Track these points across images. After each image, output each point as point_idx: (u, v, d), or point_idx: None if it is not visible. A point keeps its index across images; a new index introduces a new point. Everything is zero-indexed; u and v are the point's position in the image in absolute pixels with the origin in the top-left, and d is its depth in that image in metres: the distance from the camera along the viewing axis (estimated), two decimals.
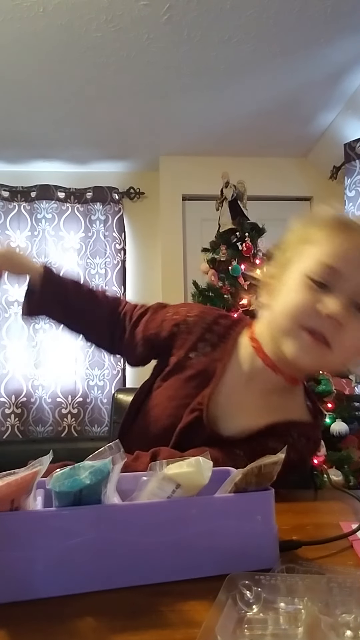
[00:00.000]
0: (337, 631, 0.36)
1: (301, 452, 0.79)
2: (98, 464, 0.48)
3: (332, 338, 0.69)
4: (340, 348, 0.69)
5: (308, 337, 0.70)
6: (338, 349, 0.69)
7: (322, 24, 2.10)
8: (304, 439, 0.79)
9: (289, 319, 0.72)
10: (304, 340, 0.70)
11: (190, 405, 0.80)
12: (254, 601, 0.40)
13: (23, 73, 2.37)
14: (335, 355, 0.70)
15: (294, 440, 0.78)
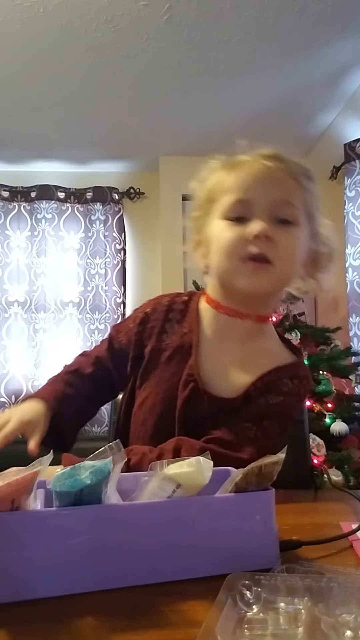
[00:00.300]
0: (337, 631, 0.36)
1: (299, 395, 0.81)
2: (98, 464, 0.48)
3: (269, 254, 0.74)
4: (279, 260, 0.74)
5: (250, 263, 0.74)
6: (278, 261, 0.74)
7: (322, 24, 2.10)
8: (297, 381, 0.80)
9: (227, 258, 0.76)
10: (248, 268, 0.74)
11: (181, 380, 0.81)
12: (254, 601, 0.40)
13: (23, 73, 2.37)
14: (279, 269, 0.75)
15: (289, 386, 0.79)
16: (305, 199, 0.79)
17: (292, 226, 0.76)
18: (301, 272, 0.82)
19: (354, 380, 2.44)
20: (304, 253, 0.80)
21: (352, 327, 2.82)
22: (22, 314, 3.23)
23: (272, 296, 0.83)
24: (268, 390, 0.78)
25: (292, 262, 0.77)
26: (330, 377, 2.31)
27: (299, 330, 2.39)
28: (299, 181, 0.79)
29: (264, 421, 0.77)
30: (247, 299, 0.80)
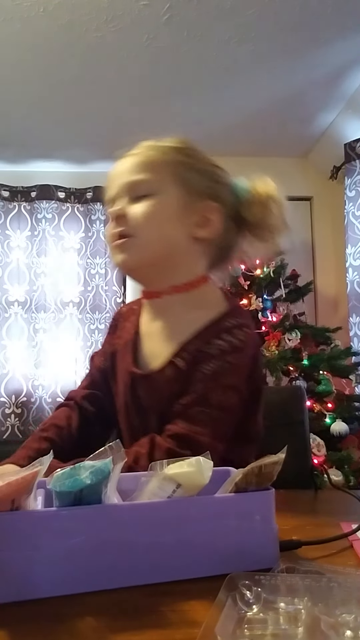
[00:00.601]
0: (337, 631, 0.36)
1: (236, 348, 0.77)
2: (98, 463, 0.48)
3: (126, 230, 0.79)
4: (137, 229, 0.79)
5: (112, 243, 0.81)
6: (136, 230, 0.79)
7: (323, 24, 2.10)
8: (226, 335, 0.77)
9: (109, 248, 0.86)
10: (112, 248, 0.82)
11: (126, 372, 0.84)
12: (254, 601, 0.40)
13: (23, 73, 2.37)
14: (140, 237, 0.79)
15: (221, 345, 0.76)
16: (169, 169, 0.81)
17: (149, 197, 0.79)
18: (192, 230, 0.81)
19: (354, 380, 2.44)
20: (181, 214, 0.80)
21: (352, 327, 2.82)
22: (22, 313, 3.22)
23: (156, 263, 0.82)
24: (198, 361, 0.76)
25: (153, 226, 0.79)
26: (330, 377, 2.32)
27: (299, 330, 2.40)
28: (156, 158, 0.82)
29: (209, 396, 0.74)
30: (136, 278, 0.86)
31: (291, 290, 2.62)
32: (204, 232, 0.82)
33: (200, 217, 0.81)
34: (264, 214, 0.84)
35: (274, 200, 0.85)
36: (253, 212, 0.84)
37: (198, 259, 0.84)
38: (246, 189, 0.86)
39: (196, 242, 0.82)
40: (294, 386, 1.75)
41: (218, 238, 0.84)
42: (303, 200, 3.43)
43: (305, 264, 3.23)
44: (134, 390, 0.82)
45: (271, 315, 2.46)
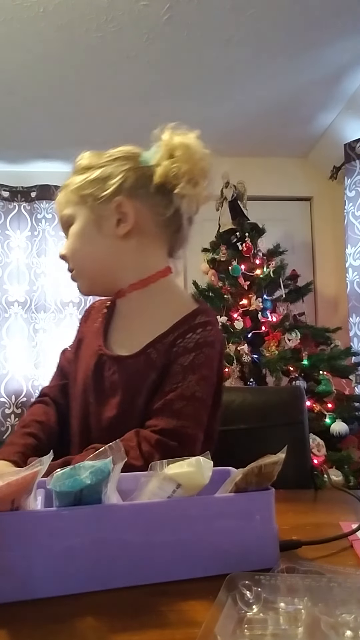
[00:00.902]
0: (337, 631, 0.36)
1: (207, 343, 0.79)
2: (98, 463, 0.48)
3: (68, 266, 0.89)
4: (72, 263, 0.88)
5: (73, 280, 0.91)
6: (72, 263, 0.88)
7: (323, 24, 2.10)
8: (200, 330, 0.79)
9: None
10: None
11: (92, 353, 0.87)
12: (254, 601, 0.40)
13: (23, 73, 2.37)
14: (78, 268, 0.88)
15: (195, 339, 0.79)
16: (74, 195, 0.86)
17: (70, 228, 0.87)
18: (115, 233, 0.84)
19: (354, 380, 2.44)
20: (97, 227, 0.84)
21: (352, 327, 2.82)
22: (22, 313, 3.22)
23: (104, 277, 0.87)
24: (174, 354, 0.78)
25: (79, 255, 0.87)
26: (330, 377, 2.31)
27: (299, 330, 2.40)
28: (66, 187, 0.88)
29: (190, 389, 0.76)
30: (98, 294, 0.95)
31: (291, 291, 2.62)
32: (125, 227, 0.83)
33: (116, 216, 0.83)
34: (172, 165, 0.82)
35: (174, 147, 0.83)
36: (162, 171, 0.82)
37: (143, 251, 0.86)
38: (151, 156, 0.85)
39: (126, 238, 0.84)
40: (294, 386, 1.75)
41: (150, 221, 0.85)
42: (303, 200, 3.44)
43: (305, 264, 3.23)
44: (100, 371, 0.84)
45: (271, 315, 2.46)
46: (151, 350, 0.80)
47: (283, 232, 3.13)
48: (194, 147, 0.83)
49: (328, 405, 2.27)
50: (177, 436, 0.73)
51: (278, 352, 2.31)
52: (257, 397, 1.17)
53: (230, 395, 1.17)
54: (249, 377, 2.41)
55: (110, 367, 0.83)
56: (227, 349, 2.37)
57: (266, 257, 2.57)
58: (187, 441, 0.73)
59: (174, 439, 0.72)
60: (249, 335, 2.44)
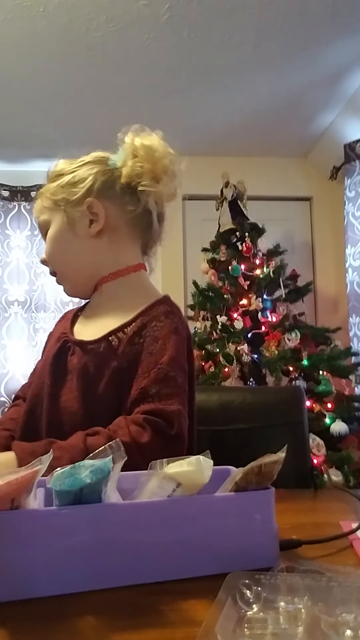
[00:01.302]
0: (337, 630, 0.36)
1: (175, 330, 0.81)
2: (98, 462, 0.48)
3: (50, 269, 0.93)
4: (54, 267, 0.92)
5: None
6: (55, 268, 0.92)
7: (323, 24, 2.10)
8: (163, 317, 0.82)
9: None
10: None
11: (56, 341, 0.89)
12: (254, 600, 0.40)
13: (23, 72, 2.37)
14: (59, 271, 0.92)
15: (160, 326, 0.81)
16: (49, 202, 0.90)
17: (49, 231, 0.90)
18: (88, 233, 0.87)
19: (353, 380, 2.44)
20: (71, 229, 0.88)
21: (352, 328, 2.83)
22: (22, 313, 3.23)
23: (85, 276, 0.91)
24: (139, 342, 0.80)
25: (59, 259, 0.91)
26: (330, 377, 2.31)
27: (299, 330, 2.40)
28: (41, 194, 0.93)
29: (162, 373, 0.77)
30: (82, 296, 0.96)
31: (291, 291, 2.62)
32: (97, 226, 0.87)
33: (88, 217, 0.87)
34: (134, 163, 0.87)
35: (136, 147, 0.88)
36: (127, 172, 0.87)
37: (115, 248, 0.90)
38: (117, 158, 0.90)
39: (99, 237, 0.88)
40: (294, 386, 1.75)
41: (119, 219, 0.89)
42: (303, 201, 3.44)
43: (305, 264, 3.24)
44: (63, 356, 0.85)
45: (271, 315, 2.46)
46: (113, 337, 0.82)
47: (283, 232, 3.13)
48: (155, 146, 0.88)
49: (328, 405, 2.28)
50: (161, 414, 0.73)
51: (278, 352, 2.31)
52: (257, 397, 1.17)
53: (230, 395, 1.17)
54: (248, 377, 2.41)
55: (72, 351, 0.85)
56: (227, 349, 2.37)
57: (266, 257, 2.57)
58: (172, 417, 0.73)
59: (159, 417, 0.73)
60: (248, 335, 2.44)
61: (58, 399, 0.82)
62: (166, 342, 0.79)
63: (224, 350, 2.37)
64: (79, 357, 0.83)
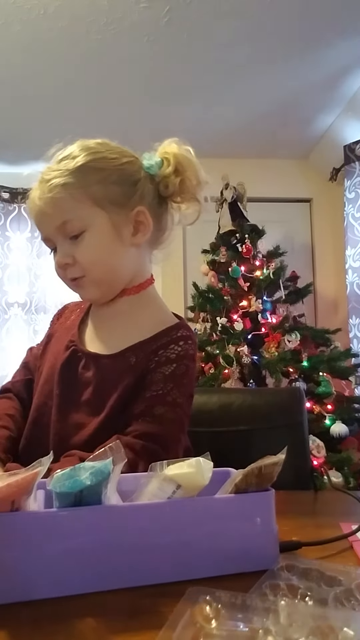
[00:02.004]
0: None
1: (187, 355, 0.80)
2: (98, 464, 0.48)
3: (75, 273, 0.81)
4: (86, 270, 0.80)
5: (71, 284, 0.84)
6: (86, 271, 0.80)
7: (322, 26, 2.11)
8: (182, 343, 0.80)
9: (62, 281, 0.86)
10: (72, 287, 0.85)
11: (64, 347, 0.86)
12: (213, 616, 0.39)
13: (23, 75, 2.38)
14: (90, 275, 0.81)
15: (177, 351, 0.79)
16: (87, 196, 0.78)
17: (82, 234, 0.79)
18: (131, 242, 0.82)
19: (353, 381, 2.44)
20: (117, 234, 0.80)
21: (351, 329, 2.83)
22: (22, 315, 3.23)
23: (113, 284, 0.84)
24: (155, 363, 0.79)
25: (98, 261, 0.80)
26: (330, 379, 2.31)
27: (299, 331, 2.40)
28: (69, 189, 0.78)
29: (170, 395, 0.77)
30: (100, 302, 0.88)
31: (291, 292, 2.62)
32: (142, 237, 0.83)
33: (133, 225, 0.82)
34: (179, 180, 0.83)
35: (181, 161, 0.84)
36: (169, 184, 0.83)
37: (144, 260, 0.88)
38: (157, 165, 0.85)
39: (138, 247, 0.84)
40: (294, 387, 1.75)
41: (154, 230, 0.85)
42: (303, 202, 3.44)
43: (305, 266, 3.24)
44: (73, 366, 0.83)
45: (271, 316, 2.46)
46: (130, 354, 0.80)
47: (283, 234, 3.13)
48: (197, 167, 0.84)
49: (328, 406, 2.28)
50: (160, 440, 0.73)
51: (278, 354, 2.31)
52: (257, 399, 1.17)
53: (230, 396, 1.17)
54: (248, 378, 2.41)
55: (85, 364, 0.82)
56: (227, 350, 2.37)
57: (266, 258, 2.57)
58: (170, 445, 0.73)
59: (157, 443, 0.72)
60: (248, 336, 2.44)
61: (68, 412, 0.80)
62: (180, 367, 0.78)
63: (224, 352, 2.38)
64: (94, 372, 0.81)
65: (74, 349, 0.84)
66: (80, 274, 0.81)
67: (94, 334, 0.88)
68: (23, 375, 0.99)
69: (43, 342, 0.97)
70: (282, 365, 2.28)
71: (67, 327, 0.92)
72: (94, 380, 0.80)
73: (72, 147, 0.86)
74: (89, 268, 0.80)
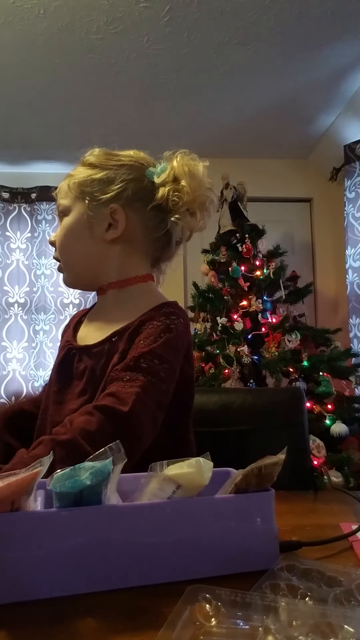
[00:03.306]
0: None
1: (168, 328, 0.80)
2: (98, 464, 0.48)
3: (55, 253, 0.91)
4: (60, 252, 0.90)
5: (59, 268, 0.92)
6: (60, 254, 0.90)
7: (323, 26, 2.11)
8: (163, 318, 0.81)
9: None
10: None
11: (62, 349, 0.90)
12: (213, 614, 0.39)
13: (23, 74, 2.38)
14: (64, 258, 0.90)
15: (156, 324, 0.80)
16: (76, 188, 0.87)
17: (64, 219, 0.89)
18: (103, 236, 0.86)
19: (354, 381, 2.44)
20: (89, 226, 0.86)
21: (352, 329, 2.83)
22: (23, 315, 3.23)
23: (86, 274, 0.90)
24: (136, 338, 0.79)
25: (68, 248, 0.89)
26: (330, 379, 2.31)
27: (299, 331, 2.40)
28: (69, 178, 0.89)
29: (141, 362, 0.76)
30: (79, 288, 0.97)
31: (291, 292, 2.62)
32: (113, 234, 0.86)
33: (107, 221, 0.86)
34: (174, 192, 0.83)
35: (179, 174, 0.84)
36: (164, 194, 0.84)
37: (126, 258, 0.89)
38: (156, 173, 0.87)
39: (113, 244, 0.87)
40: (294, 387, 1.75)
41: (139, 233, 0.88)
42: (303, 202, 3.44)
43: (305, 266, 3.24)
44: (69, 363, 0.86)
45: (271, 316, 2.46)
46: (116, 338, 0.82)
47: (283, 234, 3.13)
48: (199, 178, 0.85)
49: (328, 406, 2.28)
50: (117, 396, 0.71)
51: (278, 354, 2.31)
52: (257, 399, 1.17)
53: (230, 396, 1.17)
54: (249, 378, 2.41)
55: (79, 358, 0.85)
56: (227, 350, 2.37)
57: (266, 258, 2.57)
58: (126, 397, 0.70)
59: (115, 400, 0.70)
60: (249, 336, 2.44)
61: (63, 405, 0.82)
62: (157, 338, 0.78)
63: (224, 352, 2.38)
64: (86, 362, 0.83)
65: (68, 348, 0.88)
66: (57, 254, 0.91)
67: (88, 330, 0.92)
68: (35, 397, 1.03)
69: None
70: (282, 365, 2.28)
71: (68, 332, 0.96)
72: (87, 371, 0.82)
73: (97, 150, 0.93)
74: (60, 249, 0.89)
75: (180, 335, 0.81)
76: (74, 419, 0.70)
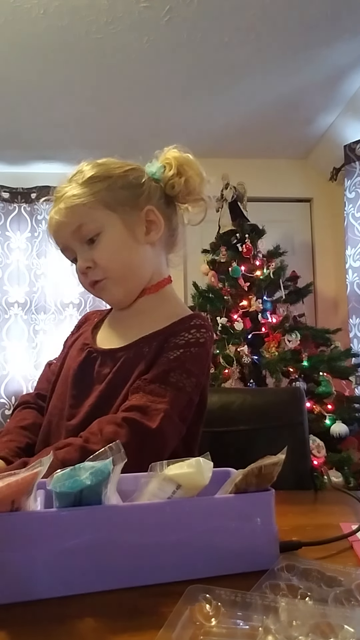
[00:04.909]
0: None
1: (198, 342, 0.81)
2: (99, 464, 0.48)
3: (96, 276, 0.85)
4: (105, 271, 0.84)
5: (93, 289, 0.88)
6: (106, 272, 0.85)
7: (322, 26, 2.11)
8: (194, 331, 0.81)
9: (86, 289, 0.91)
10: (95, 292, 0.88)
11: (79, 351, 0.89)
12: (213, 614, 0.39)
13: (23, 75, 2.37)
14: (111, 276, 0.85)
15: (187, 337, 0.81)
16: (98, 203, 0.83)
17: (98, 237, 0.83)
18: (145, 240, 0.86)
19: (354, 381, 2.44)
20: (131, 233, 0.85)
21: (352, 329, 2.82)
22: (22, 315, 3.23)
23: (135, 284, 0.88)
24: (164, 349, 0.80)
25: (116, 260, 0.85)
26: (330, 379, 2.31)
27: (299, 331, 2.40)
28: (81, 197, 0.83)
29: (169, 375, 0.77)
30: (125, 304, 0.91)
31: (291, 292, 2.62)
32: (155, 235, 0.87)
33: (145, 224, 0.86)
34: (183, 181, 0.87)
35: (183, 164, 0.88)
36: (175, 185, 0.87)
37: (160, 260, 0.91)
38: (159, 169, 0.89)
39: (153, 246, 0.88)
40: (294, 387, 1.75)
41: (165, 230, 0.89)
42: (303, 202, 3.44)
43: (305, 266, 3.24)
44: (90, 366, 0.85)
45: (271, 316, 2.46)
46: (143, 344, 0.82)
47: (283, 234, 3.13)
48: (196, 167, 0.88)
49: (328, 406, 2.27)
50: (145, 412, 0.72)
51: (278, 354, 2.31)
52: (257, 399, 1.17)
53: (230, 396, 1.17)
54: (249, 378, 2.41)
55: (102, 362, 0.84)
56: (227, 350, 2.37)
57: (266, 258, 2.57)
58: (154, 414, 0.72)
59: (140, 411, 0.72)
60: (249, 336, 2.44)
61: (79, 408, 0.81)
62: (186, 353, 0.79)
63: (224, 352, 2.37)
64: (111, 366, 0.82)
65: (89, 350, 0.87)
66: (101, 276, 0.85)
67: (109, 334, 0.91)
68: (39, 388, 1.01)
69: (61, 356, 0.98)
70: (282, 365, 2.28)
71: (82, 333, 0.96)
72: (109, 374, 0.82)
73: (79, 166, 0.88)
74: (108, 268, 0.84)
75: (207, 350, 0.83)
76: (103, 428, 0.71)
